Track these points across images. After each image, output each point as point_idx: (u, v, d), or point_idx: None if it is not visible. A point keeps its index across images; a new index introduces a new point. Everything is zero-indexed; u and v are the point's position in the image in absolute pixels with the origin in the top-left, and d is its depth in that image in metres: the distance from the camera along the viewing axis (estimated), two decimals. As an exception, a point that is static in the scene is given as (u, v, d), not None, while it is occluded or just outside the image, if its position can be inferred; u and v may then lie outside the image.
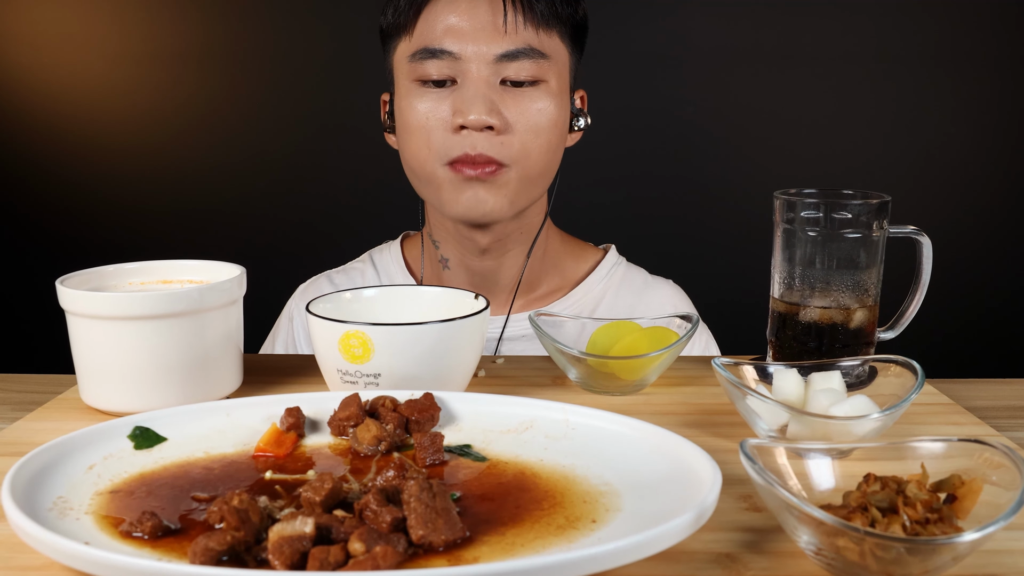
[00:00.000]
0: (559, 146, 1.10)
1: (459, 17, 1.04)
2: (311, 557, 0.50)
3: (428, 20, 1.05)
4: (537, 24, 1.05)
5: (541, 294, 1.20)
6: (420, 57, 1.05)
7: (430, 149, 1.05)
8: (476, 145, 1.03)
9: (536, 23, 1.05)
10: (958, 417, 0.80)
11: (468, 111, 1.02)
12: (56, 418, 0.80)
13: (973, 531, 0.48)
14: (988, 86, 2.13)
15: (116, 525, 0.56)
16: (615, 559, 0.49)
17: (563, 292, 1.20)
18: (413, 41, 1.07)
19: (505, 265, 1.17)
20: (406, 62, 1.07)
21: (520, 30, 1.04)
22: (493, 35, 1.04)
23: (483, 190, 1.05)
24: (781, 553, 0.55)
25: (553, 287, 1.21)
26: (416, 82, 1.07)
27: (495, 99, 1.03)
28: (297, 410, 0.71)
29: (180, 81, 2.17)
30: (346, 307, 0.88)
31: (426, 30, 1.05)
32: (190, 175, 2.21)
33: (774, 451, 0.57)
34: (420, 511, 0.53)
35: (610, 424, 0.68)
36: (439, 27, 1.04)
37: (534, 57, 1.04)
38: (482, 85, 1.04)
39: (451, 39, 1.04)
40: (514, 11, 1.04)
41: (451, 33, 1.04)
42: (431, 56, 1.04)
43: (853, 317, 0.83)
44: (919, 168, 2.16)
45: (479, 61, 1.04)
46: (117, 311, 0.76)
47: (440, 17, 1.05)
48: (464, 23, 1.04)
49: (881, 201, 0.82)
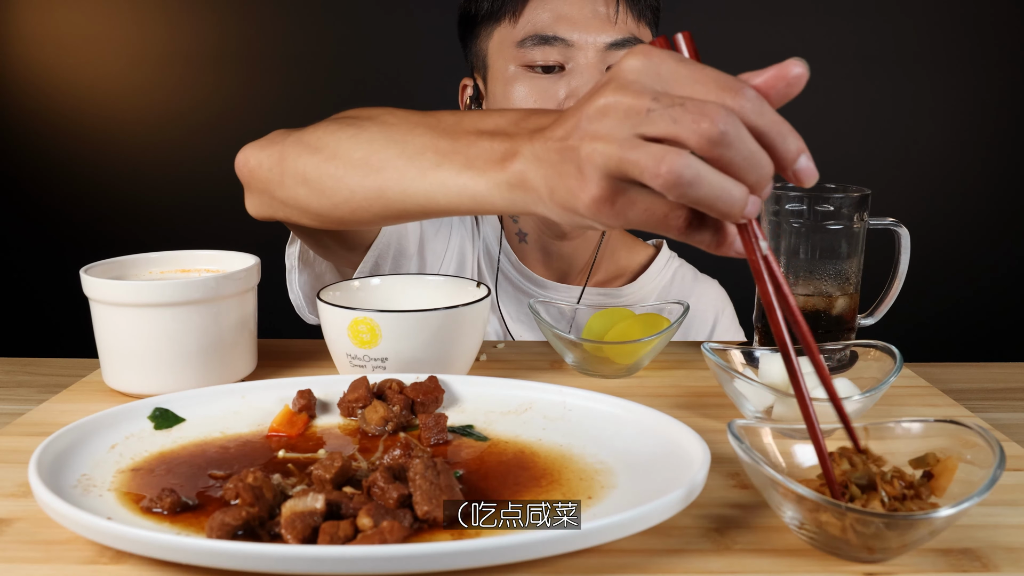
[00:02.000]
0: None
1: (570, 6, 1.04)
2: (321, 532, 0.50)
3: (537, 7, 1.06)
4: (637, 15, 1.07)
5: (602, 278, 1.23)
6: (532, 43, 1.05)
7: None
8: None
9: (637, 14, 1.07)
10: (935, 399, 0.80)
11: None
12: (80, 400, 0.79)
13: (949, 507, 0.47)
14: (963, 84, 2.12)
15: (137, 501, 0.56)
16: (609, 533, 0.49)
17: (623, 279, 1.23)
18: (519, 28, 1.06)
19: (580, 247, 1.18)
20: (512, 48, 1.07)
21: (627, 20, 1.06)
22: (604, 24, 1.04)
23: None
24: (767, 528, 0.55)
25: (611, 274, 1.24)
26: (523, 67, 1.06)
27: None
28: (308, 392, 0.70)
29: (198, 80, 2.16)
30: (354, 294, 0.88)
31: (535, 17, 1.05)
32: (208, 170, 2.20)
33: (760, 431, 0.57)
34: (425, 488, 0.53)
35: (605, 406, 0.68)
36: (549, 15, 1.05)
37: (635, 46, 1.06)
38: (595, 71, 1.04)
39: (565, 26, 1.04)
40: (621, 2, 1.05)
41: (564, 21, 1.04)
42: (543, 43, 1.04)
43: (835, 304, 0.82)
44: (898, 163, 2.15)
45: (591, 49, 1.04)
46: (138, 299, 0.76)
47: (550, 5, 1.05)
48: (575, 12, 1.04)
49: (862, 194, 0.81)
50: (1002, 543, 0.54)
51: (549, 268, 1.20)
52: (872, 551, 0.49)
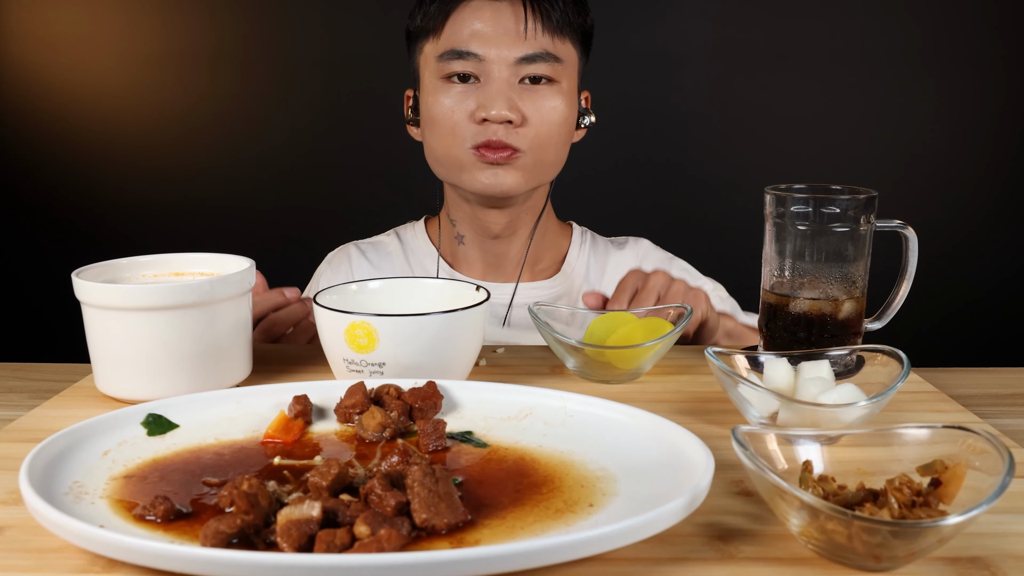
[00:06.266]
0: (567, 139, 1.19)
1: (484, 23, 1.12)
2: (318, 540, 0.50)
3: (455, 24, 1.13)
4: (552, 31, 1.13)
5: (540, 268, 1.30)
6: (448, 57, 1.12)
7: (455, 136, 1.13)
8: (497, 133, 1.11)
9: (552, 30, 1.13)
10: (942, 405, 0.80)
11: (491, 107, 1.10)
12: (72, 405, 0.79)
13: (957, 515, 0.47)
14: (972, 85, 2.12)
15: (130, 509, 0.56)
16: (611, 542, 0.49)
17: (557, 267, 1.31)
18: (440, 43, 1.14)
19: (513, 245, 1.26)
20: (434, 61, 1.14)
21: (538, 36, 1.12)
22: (515, 40, 1.11)
23: (501, 171, 1.13)
24: (771, 536, 0.55)
25: (549, 263, 1.31)
26: (443, 79, 1.13)
27: (514, 96, 1.11)
28: (305, 398, 0.70)
29: (192, 80, 2.17)
30: (351, 298, 0.88)
31: (453, 33, 1.13)
32: (202, 171, 2.21)
33: (765, 437, 0.57)
34: (423, 495, 0.53)
35: (606, 411, 0.68)
36: (465, 31, 1.12)
37: (549, 60, 1.12)
38: (503, 84, 1.11)
39: (476, 42, 1.11)
40: (533, 19, 1.11)
41: (476, 37, 1.11)
42: (458, 57, 1.12)
43: (841, 308, 0.83)
44: (905, 164, 2.15)
45: (501, 63, 1.11)
46: (131, 302, 0.76)
47: (466, 22, 1.12)
48: (488, 29, 1.11)
49: (868, 196, 0.81)
50: (1011, 551, 0.54)
51: (487, 266, 1.27)
52: (879, 560, 0.50)
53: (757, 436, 0.57)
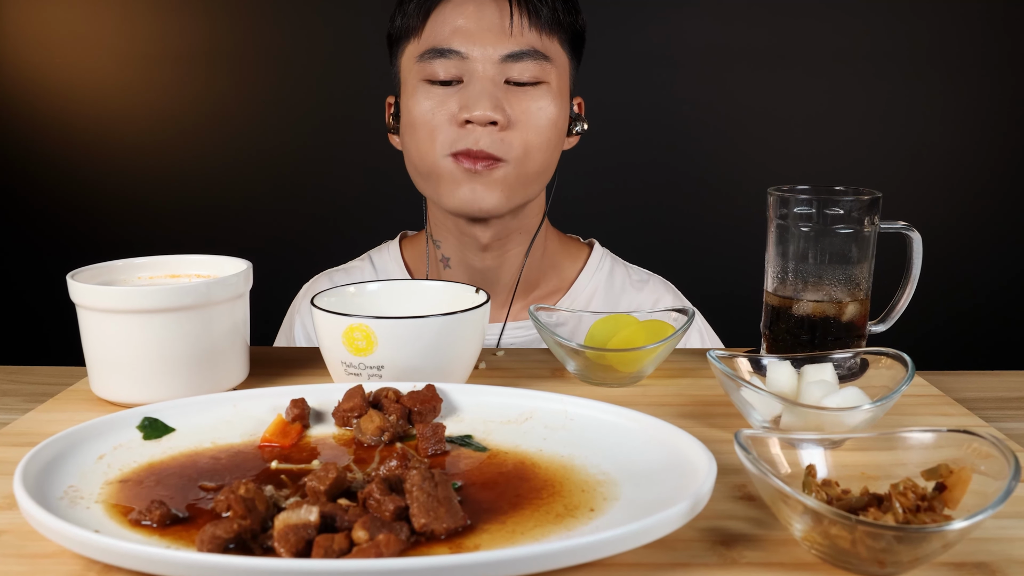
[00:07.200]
0: (557, 146, 1.11)
1: (466, 19, 1.06)
2: (316, 545, 0.50)
3: (436, 22, 1.07)
4: (540, 28, 1.07)
5: (540, 295, 1.20)
6: (428, 57, 1.06)
7: (433, 142, 1.06)
8: (479, 140, 1.04)
9: (539, 27, 1.07)
10: (947, 408, 0.80)
11: (474, 107, 1.03)
12: (67, 409, 0.79)
13: (962, 519, 0.47)
14: (976, 86, 2.12)
15: (125, 514, 0.55)
16: (612, 547, 0.49)
17: (561, 293, 1.20)
18: (421, 42, 1.08)
19: (506, 264, 1.17)
20: (414, 62, 1.08)
21: (524, 32, 1.06)
22: (499, 37, 1.05)
23: (480, 185, 1.06)
24: (774, 541, 0.55)
25: (551, 288, 1.21)
26: (424, 81, 1.07)
27: (500, 97, 1.05)
28: (302, 401, 0.70)
29: (188, 80, 2.17)
30: (350, 301, 0.88)
31: (434, 32, 1.07)
32: (198, 172, 2.21)
33: (768, 441, 0.57)
34: (422, 500, 0.53)
35: (608, 415, 0.68)
36: (447, 29, 1.06)
37: (537, 59, 1.06)
38: (488, 83, 1.05)
39: (459, 40, 1.05)
40: (519, 14, 1.06)
41: (459, 34, 1.05)
42: (439, 56, 1.06)
43: (845, 311, 0.82)
44: (909, 165, 2.15)
45: (485, 61, 1.05)
46: (126, 305, 0.76)
47: (448, 19, 1.06)
48: (471, 25, 1.05)
49: (872, 197, 0.81)
50: (1017, 556, 0.53)
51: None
52: (883, 565, 0.49)
53: (760, 440, 0.57)
